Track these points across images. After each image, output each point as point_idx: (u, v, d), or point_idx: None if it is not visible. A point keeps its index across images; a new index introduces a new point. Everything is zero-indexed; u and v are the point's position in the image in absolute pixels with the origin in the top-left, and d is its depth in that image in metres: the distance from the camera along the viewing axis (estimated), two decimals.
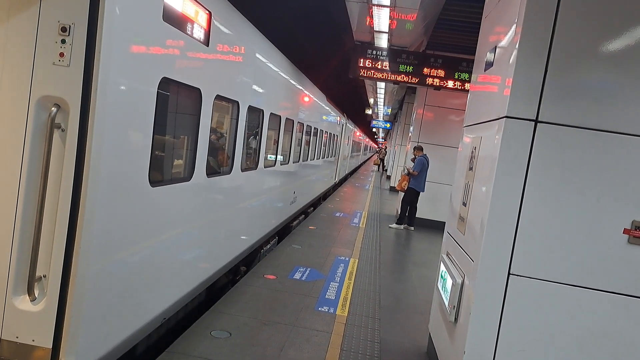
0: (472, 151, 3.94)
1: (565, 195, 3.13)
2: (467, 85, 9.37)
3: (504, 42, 3.54)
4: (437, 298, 4.44)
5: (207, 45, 4.26)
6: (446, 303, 3.81)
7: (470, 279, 3.40)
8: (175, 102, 4.09)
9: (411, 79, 9.80)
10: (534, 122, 3.13)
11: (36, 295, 2.94)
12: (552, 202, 3.15)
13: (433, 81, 9.71)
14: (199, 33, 4.07)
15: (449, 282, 3.82)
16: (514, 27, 3.30)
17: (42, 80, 2.85)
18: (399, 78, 9.85)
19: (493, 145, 3.33)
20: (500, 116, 3.25)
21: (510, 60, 3.22)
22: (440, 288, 4.24)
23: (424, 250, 9.77)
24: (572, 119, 3.11)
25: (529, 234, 3.17)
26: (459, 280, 3.60)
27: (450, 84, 9.63)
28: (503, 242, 3.19)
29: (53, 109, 2.82)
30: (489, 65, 3.87)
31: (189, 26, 3.86)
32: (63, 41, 2.80)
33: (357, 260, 7.97)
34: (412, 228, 11.56)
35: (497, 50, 3.69)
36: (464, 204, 3.93)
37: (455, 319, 3.60)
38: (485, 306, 3.23)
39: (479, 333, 3.24)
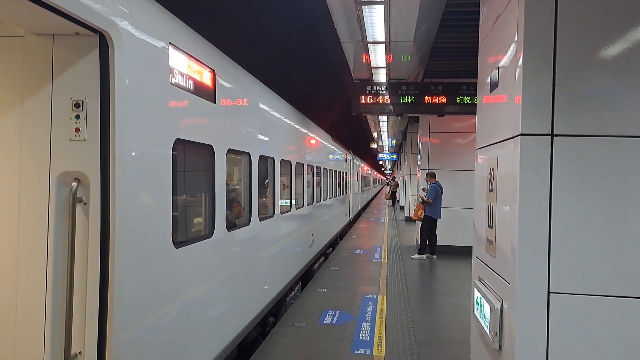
0: (490, 172, 3.91)
1: (593, 205, 3.08)
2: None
3: (506, 62, 3.56)
4: (475, 326, 4.31)
5: (214, 102, 4.34)
6: (487, 330, 3.69)
7: (509, 302, 3.31)
8: (190, 161, 4.13)
9: (413, 109, 9.86)
10: (550, 137, 3.11)
11: None
12: (581, 214, 3.09)
13: (435, 108, 9.75)
14: (205, 92, 4.15)
15: (487, 308, 3.71)
16: (513, 45, 3.33)
17: (60, 157, 2.89)
18: (401, 110, 9.91)
19: (512, 164, 3.30)
20: (515, 134, 3.23)
21: (517, 78, 3.23)
22: (477, 315, 4.12)
23: (450, 277, 9.58)
24: (588, 129, 3.09)
25: (562, 249, 3.09)
26: (497, 305, 3.50)
27: (453, 109, 9.66)
28: (538, 260, 3.11)
29: (74, 183, 2.84)
30: (494, 85, 3.89)
31: (195, 86, 3.95)
32: (77, 117, 2.85)
33: (385, 296, 7.82)
34: (435, 256, 11.39)
35: (500, 70, 3.71)
36: (490, 227, 3.87)
37: (500, 346, 3.48)
38: (529, 329, 3.12)
39: (527, 358, 3.12)
